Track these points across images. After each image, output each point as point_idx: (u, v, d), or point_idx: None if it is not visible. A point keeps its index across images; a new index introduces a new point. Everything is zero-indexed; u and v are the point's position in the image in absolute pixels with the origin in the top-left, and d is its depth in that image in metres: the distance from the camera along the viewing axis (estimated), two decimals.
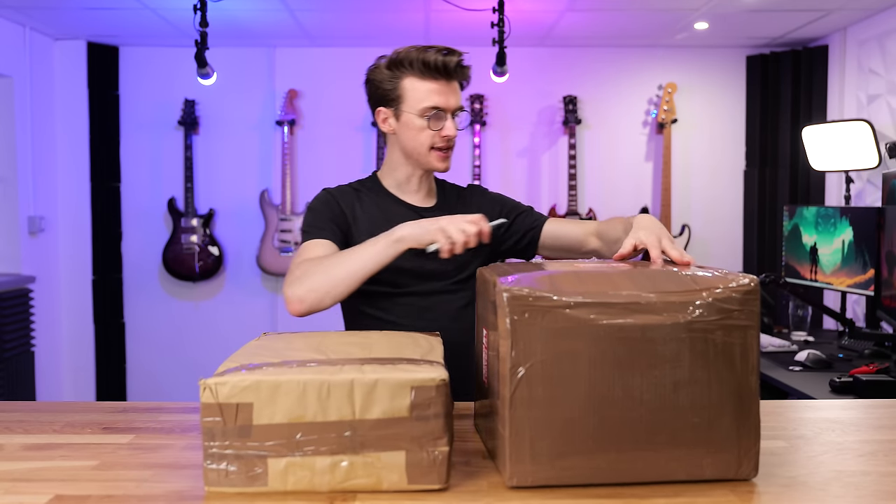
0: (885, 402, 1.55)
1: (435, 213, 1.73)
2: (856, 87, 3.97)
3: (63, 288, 4.47)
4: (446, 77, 1.64)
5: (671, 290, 1.07)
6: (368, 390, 1.04)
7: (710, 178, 4.63)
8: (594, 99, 4.59)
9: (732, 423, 1.07)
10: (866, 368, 2.49)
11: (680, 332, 1.05)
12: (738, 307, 1.06)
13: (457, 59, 1.64)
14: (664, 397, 1.05)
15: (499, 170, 4.59)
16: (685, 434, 1.06)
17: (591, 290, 1.06)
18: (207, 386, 1.02)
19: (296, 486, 1.04)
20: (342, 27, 4.13)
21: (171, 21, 3.91)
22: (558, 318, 1.04)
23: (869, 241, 2.97)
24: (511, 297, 1.04)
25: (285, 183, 4.45)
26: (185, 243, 4.49)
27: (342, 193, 1.74)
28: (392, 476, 1.05)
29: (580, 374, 1.04)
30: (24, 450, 1.23)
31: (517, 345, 1.04)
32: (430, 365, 1.11)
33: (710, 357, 1.06)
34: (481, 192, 1.89)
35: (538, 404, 1.04)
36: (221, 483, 1.03)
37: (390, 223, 1.65)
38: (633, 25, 4.09)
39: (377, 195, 1.76)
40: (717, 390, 1.07)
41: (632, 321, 1.04)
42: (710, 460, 1.07)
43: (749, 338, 1.07)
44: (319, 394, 1.03)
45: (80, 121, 4.43)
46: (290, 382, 1.03)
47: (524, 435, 1.04)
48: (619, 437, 1.05)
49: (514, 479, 1.05)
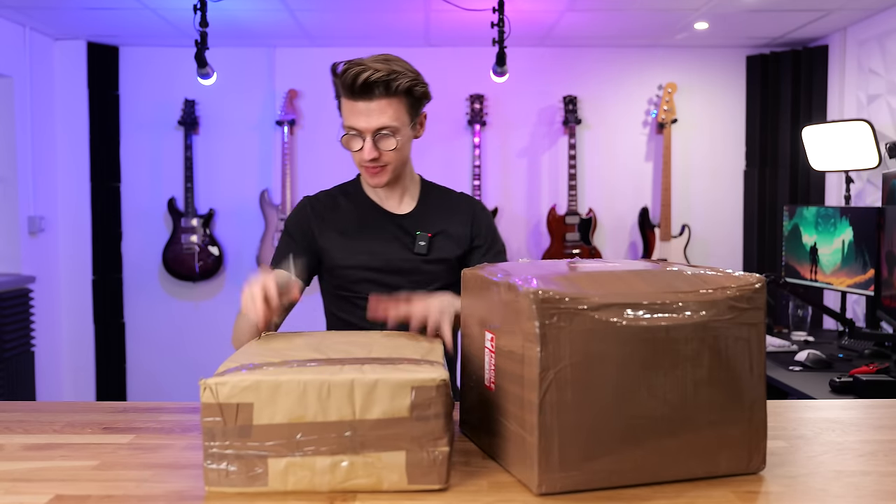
0: (885, 402, 1.55)
1: (409, 220, 1.73)
2: (856, 87, 3.97)
3: (63, 288, 4.47)
4: (364, 96, 1.56)
5: (686, 290, 1.08)
6: (369, 390, 1.03)
7: (711, 178, 4.63)
8: (594, 99, 4.59)
9: (744, 419, 1.09)
10: (866, 368, 2.49)
11: (699, 331, 1.06)
12: (747, 305, 1.08)
13: (368, 76, 1.53)
14: (685, 396, 1.06)
15: (499, 170, 4.59)
16: (704, 432, 1.07)
17: (611, 290, 1.06)
18: (208, 386, 1.02)
19: (296, 486, 1.04)
20: (342, 27, 4.13)
21: (171, 21, 3.91)
22: (586, 320, 1.03)
23: (869, 241, 2.97)
24: (540, 301, 1.02)
25: (285, 183, 4.45)
26: (185, 243, 4.49)
27: (317, 202, 1.76)
28: (392, 476, 1.04)
29: (608, 376, 1.04)
30: (24, 450, 1.23)
31: (546, 349, 1.02)
32: (431, 365, 1.11)
33: (724, 355, 1.08)
34: (472, 206, 1.81)
35: (568, 409, 1.03)
36: (222, 483, 1.03)
37: (363, 229, 1.71)
38: (633, 25, 4.09)
39: (355, 200, 1.76)
40: (732, 387, 1.08)
41: (657, 321, 1.05)
42: (725, 455, 1.09)
43: (758, 334, 1.10)
44: (320, 394, 1.03)
45: (80, 121, 4.43)
46: (291, 382, 1.03)
47: (553, 440, 1.03)
48: (644, 438, 1.05)
49: (542, 486, 1.03)
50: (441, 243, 1.73)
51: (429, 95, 1.67)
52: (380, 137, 1.60)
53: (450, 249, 1.74)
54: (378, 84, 1.56)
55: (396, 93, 1.58)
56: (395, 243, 1.72)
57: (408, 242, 1.72)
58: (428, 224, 1.74)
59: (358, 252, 1.71)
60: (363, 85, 1.55)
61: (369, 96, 1.57)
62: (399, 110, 1.60)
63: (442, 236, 1.74)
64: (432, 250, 1.72)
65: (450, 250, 1.74)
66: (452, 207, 1.79)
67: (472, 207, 1.80)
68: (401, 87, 1.58)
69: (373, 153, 1.60)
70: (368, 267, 1.70)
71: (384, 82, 1.56)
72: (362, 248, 1.71)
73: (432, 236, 1.72)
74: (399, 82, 1.57)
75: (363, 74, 1.54)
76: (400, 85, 1.58)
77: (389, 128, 1.59)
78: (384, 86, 1.56)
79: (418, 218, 1.74)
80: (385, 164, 1.64)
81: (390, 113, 1.58)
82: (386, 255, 1.70)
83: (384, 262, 1.70)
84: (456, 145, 4.58)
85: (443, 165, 4.56)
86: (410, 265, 1.71)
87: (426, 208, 1.76)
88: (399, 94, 1.59)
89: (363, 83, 1.54)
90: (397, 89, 1.58)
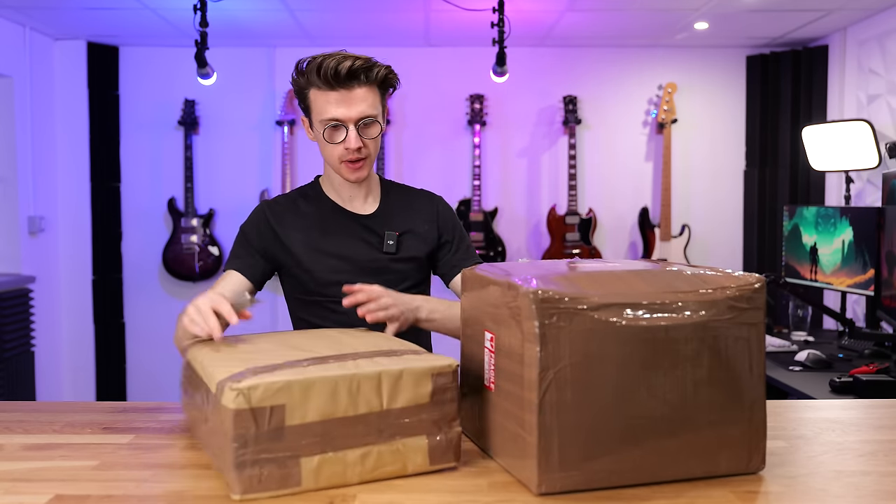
0: (885, 402, 1.54)
1: (374, 220, 1.72)
2: (856, 87, 3.97)
3: (63, 288, 4.47)
4: (344, 85, 1.55)
5: (685, 290, 1.08)
6: (395, 381, 1.07)
7: (711, 178, 4.64)
8: (594, 99, 4.59)
9: (744, 418, 1.09)
10: (866, 368, 2.49)
11: (700, 331, 1.06)
12: (747, 305, 1.08)
13: (350, 64, 1.53)
14: (685, 396, 1.06)
15: (499, 170, 4.59)
16: (704, 432, 1.07)
17: (610, 290, 1.06)
18: (240, 391, 0.98)
19: (329, 481, 1.04)
20: (342, 27, 4.13)
21: (171, 21, 3.91)
22: (586, 320, 1.03)
23: (869, 241, 2.97)
24: (540, 301, 1.02)
25: (285, 183, 4.45)
26: (185, 243, 4.49)
27: (276, 205, 1.73)
28: (417, 459, 1.09)
29: (608, 376, 1.04)
30: (24, 450, 1.23)
31: (546, 348, 1.02)
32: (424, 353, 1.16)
33: (724, 355, 1.08)
34: (433, 202, 1.80)
35: (567, 409, 1.03)
36: (255, 489, 1.00)
37: (326, 232, 1.69)
38: (633, 25, 4.09)
39: (316, 202, 1.74)
40: (731, 387, 1.08)
41: (657, 321, 1.05)
42: (725, 455, 1.09)
43: (758, 334, 1.09)
44: (350, 388, 1.04)
45: (80, 121, 4.43)
46: (323, 380, 1.03)
47: (552, 440, 1.03)
48: (644, 438, 1.05)
49: (542, 486, 1.03)
50: (409, 242, 1.72)
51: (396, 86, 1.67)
52: (363, 126, 1.59)
53: (418, 247, 1.72)
54: (360, 72, 1.55)
55: (374, 81, 1.58)
56: (361, 244, 1.69)
57: (375, 242, 1.70)
58: (393, 223, 1.72)
59: (325, 255, 1.68)
60: (348, 73, 1.54)
61: (350, 85, 1.56)
62: (376, 99, 1.60)
63: (409, 235, 1.72)
64: (401, 249, 1.70)
65: (418, 248, 1.72)
66: (415, 205, 1.77)
67: (434, 205, 1.79)
68: (379, 74, 1.58)
69: (358, 142, 1.57)
70: (337, 269, 1.67)
71: (365, 70, 1.56)
72: (329, 250, 1.68)
73: (400, 235, 1.70)
74: (377, 70, 1.58)
75: (345, 63, 1.54)
76: (378, 73, 1.58)
77: (371, 115, 1.58)
78: (365, 73, 1.56)
79: (383, 217, 1.72)
80: (367, 155, 1.62)
81: (370, 100, 1.58)
82: (354, 256, 1.68)
83: (353, 263, 1.68)
84: (456, 145, 4.58)
85: (443, 165, 4.56)
86: (380, 265, 1.69)
87: (389, 207, 1.74)
88: (375, 83, 1.59)
89: (347, 71, 1.54)
90: (376, 77, 1.58)
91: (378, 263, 1.69)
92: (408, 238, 1.72)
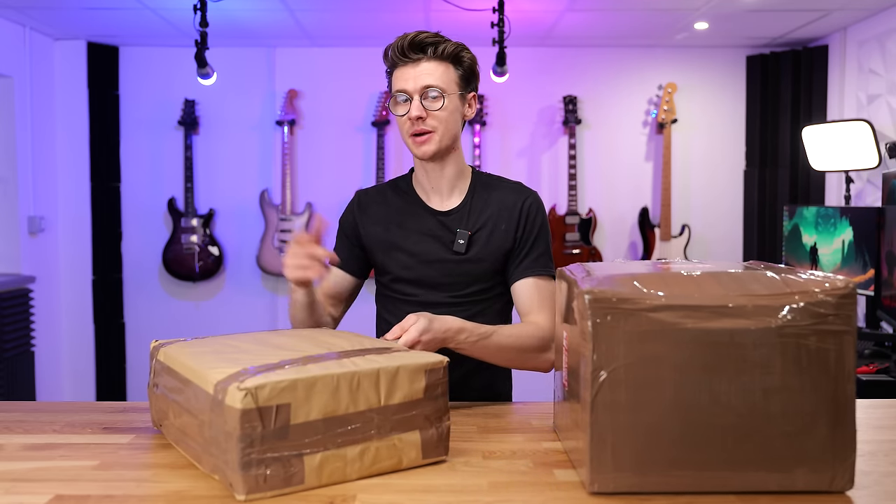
0: (885, 402, 1.54)
1: (451, 217, 1.65)
2: (856, 87, 3.97)
3: (63, 288, 4.47)
4: (409, 60, 1.58)
5: (760, 294, 1.03)
6: (392, 377, 1.09)
7: (710, 177, 4.63)
8: (594, 99, 4.59)
9: (827, 433, 1.03)
10: (866, 368, 2.49)
11: (770, 337, 1.02)
12: (833, 312, 1.02)
13: (414, 36, 1.57)
14: (754, 404, 1.02)
15: (499, 170, 4.59)
16: (776, 443, 1.03)
17: (675, 292, 1.03)
18: (248, 391, 0.98)
19: (330, 478, 1.05)
20: (342, 27, 4.13)
21: (171, 21, 3.91)
22: (642, 321, 1.01)
23: (869, 241, 2.97)
24: (593, 300, 1.01)
25: (285, 183, 4.45)
26: (185, 243, 4.49)
27: (364, 196, 1.74)
28: (411, 454, 1.11)
29: (665, 379, 1.02)
30: (24, 450, 1.23)
31: (599, 348, 1.01)
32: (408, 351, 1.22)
33: (803, 363, 1.02)
34: (520, 198, 1.67)
35: (621, 409, 1.02)
36: (259, 489, 1.00)
37: (403, 226, 1.67)
38: (633, 25, 4.09)
39: (404, 195, 1.71)
40: (811, 398, 1.03)
41: (719, 325, 1.02)
42: (803, 471, 1.03)
43: (845, 343, 1.03)
44: (351, 385, 1.06)
45: (80, 121, 4.43)
46: (325, 378, 1.04)
47: (606, 440, 1.02)
48: (706, 445, 1.02)
49: (594, 485, 1.03)
50: (483, 241, 1.63)
51: (476, 72, 1.66)
52: (426, 97, 1.58)
53: (491, 248, 1.63)
54: (425, 45, 1.58)
55: (443, 57, 1.59)
56: (433, 242, 1.64)
57: (447, 241, 1.63)
58: (470, 221, 1.64)
59: (397, 250, 1.66)
60: (410, 45, 1.57)
61: (418, 58, 1.58)
62: (447, 75, 1.59)
63: (485, 233, 1.64)
64: (471, 249, 1.63)
65: (491, 249, 1.63)
66: (500, 201, 1.66)
67: (520, 201, 1.66)
68: (447, 50, 1.59)
69: (420, 111, 1.56)
70: (406, 266, 1.65)
71: (432, 44, 1.58)
72: (401, 245, 1.65)
73: (472, 234, 1.63)
74: (444, 46, 1.59)
75: (410, 35, 1.58)
76: (446, 49, 1.59)
77: (436, 87, 1.57)
78: (432, 47, 1.58)
79: (461, 214, 1.65)
80: (433, 128, 1.58)
81: (437, 74, 1.58)
82: (423, 254, 1.64)
83: (421, 261, 1.64)
84: None
85: None
86: (446, 265, 1.63)
87: (472, 204, 1.66)
88: (446, 60, 1.59)
89: (410, 42, 1.57)
90: (444, 52, 1.59)
91: (445, 264, 1.63)
92: (482, 237, 1.63)
